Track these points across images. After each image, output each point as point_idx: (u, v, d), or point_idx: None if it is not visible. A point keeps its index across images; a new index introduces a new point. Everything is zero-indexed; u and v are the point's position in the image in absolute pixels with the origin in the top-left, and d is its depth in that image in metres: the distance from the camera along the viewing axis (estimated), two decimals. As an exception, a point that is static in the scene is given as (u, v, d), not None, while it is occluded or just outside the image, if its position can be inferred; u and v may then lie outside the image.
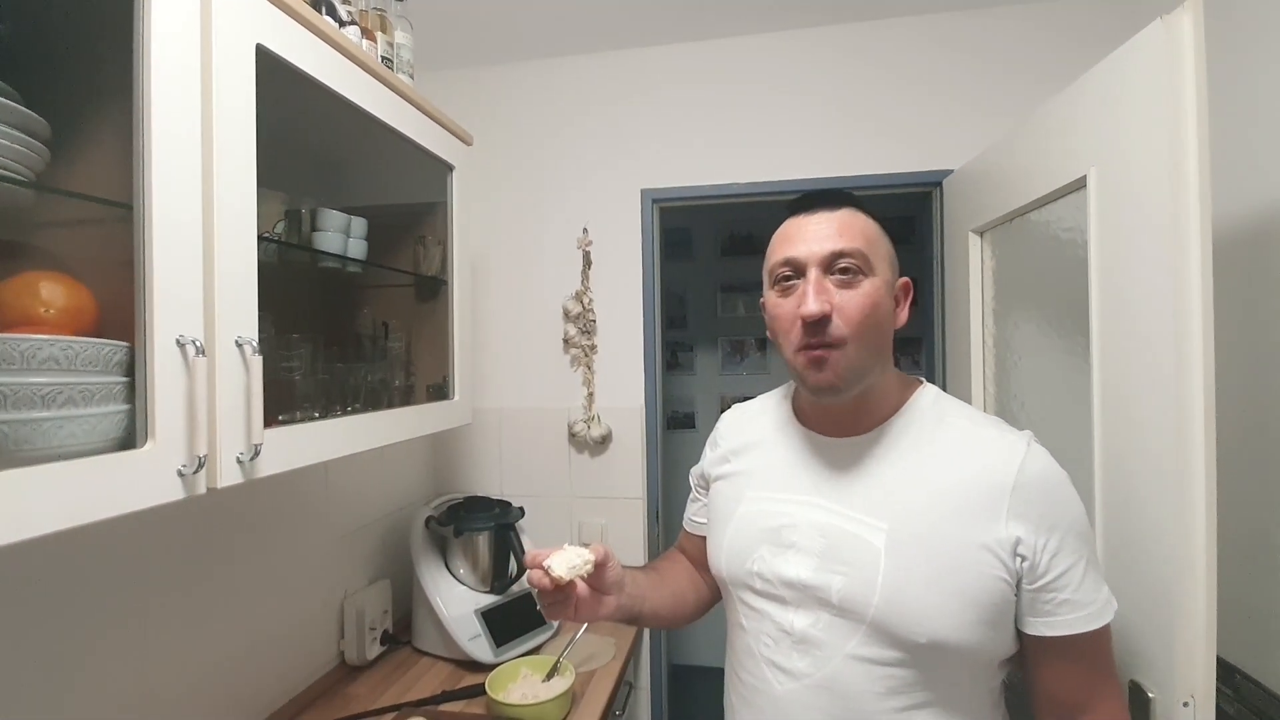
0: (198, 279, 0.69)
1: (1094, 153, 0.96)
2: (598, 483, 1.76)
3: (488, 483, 1.80)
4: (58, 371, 0.58)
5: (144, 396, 0.63)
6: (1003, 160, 1.26)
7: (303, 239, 1.06)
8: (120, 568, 0.92)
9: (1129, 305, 0.88)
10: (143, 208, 0.64)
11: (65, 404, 0.58)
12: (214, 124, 0.71)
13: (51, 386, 0.57)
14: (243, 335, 0.74)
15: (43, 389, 0.57)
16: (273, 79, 0.80)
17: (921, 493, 0.73)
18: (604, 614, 0.82)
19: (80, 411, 0.59)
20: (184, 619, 1.02)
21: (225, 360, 0.71)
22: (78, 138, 0.69)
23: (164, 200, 0.65)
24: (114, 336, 0.64)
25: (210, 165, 0.70)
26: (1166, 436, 0.80)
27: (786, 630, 0.75)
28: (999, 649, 0.71)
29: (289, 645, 1.25)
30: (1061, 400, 1.12)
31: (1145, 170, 0.84)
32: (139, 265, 0.64)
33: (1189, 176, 0.78)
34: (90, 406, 0.60)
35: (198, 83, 0.69)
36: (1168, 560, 0.80)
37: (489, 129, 1.75)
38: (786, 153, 1.67)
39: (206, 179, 0.70)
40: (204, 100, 0.70)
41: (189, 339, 0.66)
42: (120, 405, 0.63)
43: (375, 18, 1.13)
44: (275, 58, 0.81)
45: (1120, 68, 0.90)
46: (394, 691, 1.31)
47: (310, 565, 1.32)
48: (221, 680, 1.09)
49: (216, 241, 0.71)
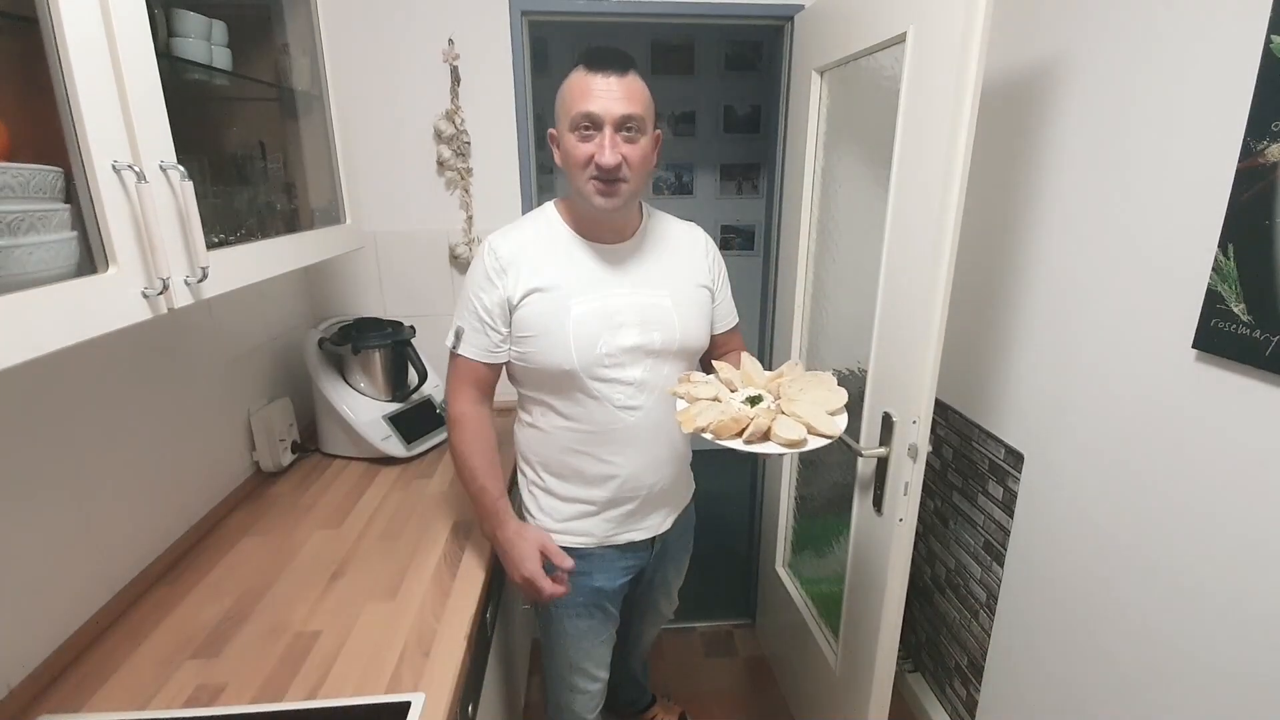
0: (115, 102, 0.68)
1: (914, 11, 1.16)
2: (479, 301, 1.88)
3: (371, 305, 1.85)
4: (14, 199, 0.59)
5: (95, 222, 0.66)
6: (844, 6, 1.43)
7: (159, 46, 0.97)
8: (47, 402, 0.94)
9: (921, 148, 1.16)
10: (50, 21, 0.61)
11: (29, 231, 0.60)
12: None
13: (15, 214, 0.59)
14: (165, 160, 0.74)
15: (7, 216, 0.58)
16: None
17: (673, 265, 1.17)
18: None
19: (42, 238, 0.62)
20: (105, 445, 1.06)
21: (158, 186, 0.73)
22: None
23: (71, 14, 0.62)
24: (23, 161, 0.64)
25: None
26: (927, 247, 1.12)
27: (629, 382, 1.12)
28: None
29: (206, 460, 1.34)
30: (864, 220, 1.44)
31: (946, 30, 1.06)
32: (60, 87, 0.62)
33: (974, 35, 0.99)
34: (48, 233, 0.62)
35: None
36: (915, 336, 1.17)
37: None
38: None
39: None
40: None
41: (124, 164, 0.68)
42: (70, 232, 0.66)
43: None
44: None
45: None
46: (316, 488, 1.48)
47: (212, 389, 1.36)
48: (149, 496, 1.17)
49: (122, 61, 0.68)
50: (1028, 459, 1.38)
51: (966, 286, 1.18)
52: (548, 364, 1.09)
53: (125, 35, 0.69)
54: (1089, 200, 1.20)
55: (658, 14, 1.72)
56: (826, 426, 0.97)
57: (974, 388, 1.56)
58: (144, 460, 1.16)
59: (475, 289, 1.10)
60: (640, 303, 1.11)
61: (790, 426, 0.96)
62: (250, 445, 1.48)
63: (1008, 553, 1.45)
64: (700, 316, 1.18)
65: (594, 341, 1.08)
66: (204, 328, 1.35)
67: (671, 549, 1.37)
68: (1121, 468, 1.15)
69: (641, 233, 1.17)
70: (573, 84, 1.01)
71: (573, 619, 1.28)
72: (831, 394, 1.04)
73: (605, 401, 1.12)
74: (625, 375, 1.11)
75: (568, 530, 1.21)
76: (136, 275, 0.70)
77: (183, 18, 0.97)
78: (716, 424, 0.96)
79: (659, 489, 1.22)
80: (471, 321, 1.10)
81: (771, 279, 1.96)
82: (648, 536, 1.26)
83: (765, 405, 1.02)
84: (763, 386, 1.07)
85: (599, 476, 1.17)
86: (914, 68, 1.16)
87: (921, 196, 1.15)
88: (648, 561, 1.32)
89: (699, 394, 1.04)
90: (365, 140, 1.70)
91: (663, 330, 1.12)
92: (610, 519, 1.21)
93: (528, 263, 1.08)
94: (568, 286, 1.08)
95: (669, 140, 3.24)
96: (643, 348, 1.11)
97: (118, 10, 0.68)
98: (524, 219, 1.17)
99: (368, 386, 1.61)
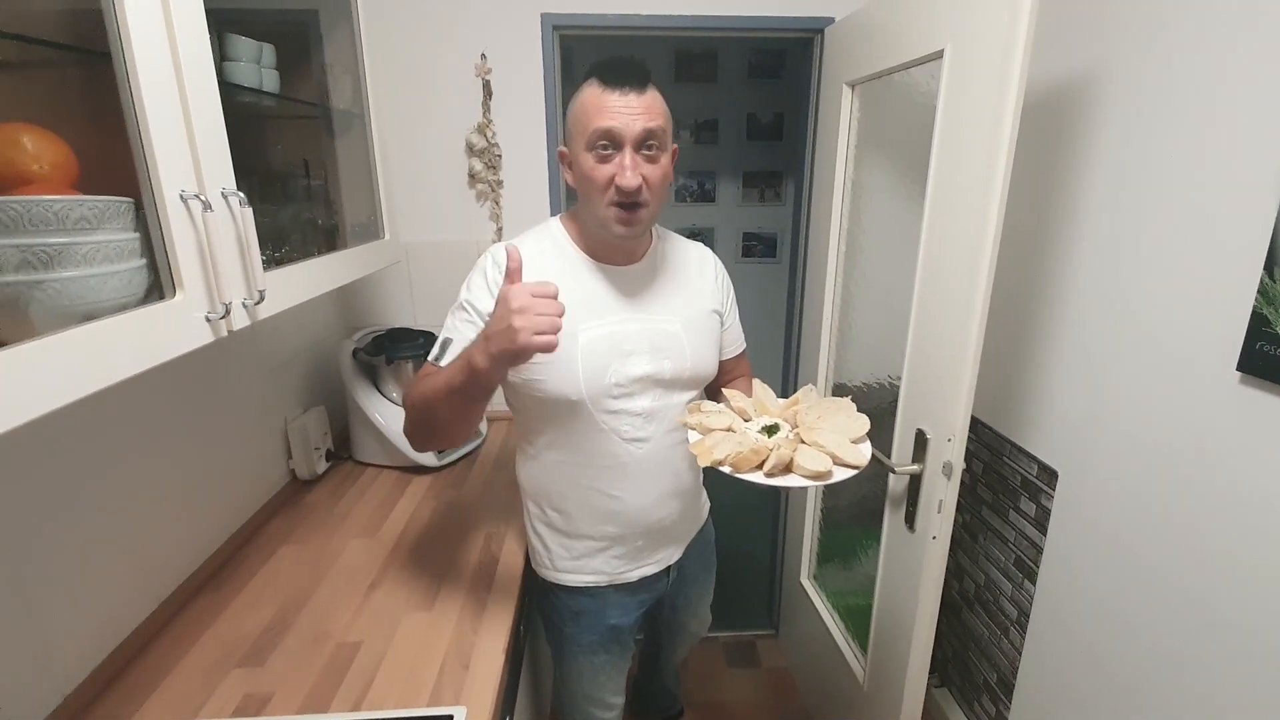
0: (182, 132, 0.70)
1: (951, 29, 1.15)
2: (507, 311, 1.90)
3: (402, 315, 1.87)
4: (90, 230, 0.61)
5: (164, 250, 0.68)
6: (877, 21, 1.42)
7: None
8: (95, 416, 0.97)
9: (958, 163, 1.15)
10: (123, 56, 0.63)
11: (103, 260, 0.63)
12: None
13: (91, 245, 0.61)
14: (226, 187, 0.77)
15: (83, 247, 0.61)
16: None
17: (683, 290, 1.11)
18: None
19: (115, 267, 0.64)
20: (150, 455, 1.09)
21: (221, 213, 0.75)
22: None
23: (142, 48, 0.64)
24: (93, 191, 0.66)
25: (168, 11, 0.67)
26: (964, 264, 1.12)
27: (637, 413, 1.05)
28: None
29: (245, 467, 1.37)
30: (894, 232, 1.43)
31: (986, 50, 1.06)
32: (131, 119, 0.64)
33: (1015, 58, 0.99)
34: (120, 262, 0.65)
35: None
36: (950, 354, 1.17)
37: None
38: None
39: (169, 26, 0.68)
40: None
41: (191, 193, 0.70)
42: (140, 260, 0.68)
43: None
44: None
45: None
46: (350, 496, 1.51)
47: (251, 398, 1.39)
48: (192, 504, 1.20)
49: (189, 92, 0.70)
50: (1062, 476, 1.37)
51: (998, 298, 1.18)
52: (553, 393, 1.02)
53: (191, 67, 0.71)
54: (1126, 215, 1.19)
55: (687, 27, 1.73)
56: (852, 456, 0.92)
57: (1005, 402, 1.55)
58: (187, 469, 1.18)
59: (472, 298, 1.01)
60: (650, 329, 1.05)
61: (814, 457, 0.91)
62: (287, 453, 1.51)
63: (1040, 570, 1.44)
64: (710, 344, 1.13)
65: (603, 370, 1.01)
66: (245, 340, 1.38)
67: (691, 571, 1.32)
68: (1160, 490, 1.13)
69: (652, 254, 1.10)
70: (587, 100, 0.94)
71: (587, 655, 1.23)
72: (852, 421, 0.99)
73: (612, 433, 1.05)
74: (633, 406, 1.05)
75: (578, 569, 1.16)
76: (201, 300, 0.72)
77: (235, 42, 0.99)
78: (735, 456, 0.91)
79: (667, 523, 1.16)
80: (465, 332, 0.98)
81: (798, 288, 1.96)
82: (660, 569, 1.22)
83: (783, 435, 0.97)
84: (779, 415, 1.03)
85: (606, 512, 1.11)
86: (951, 85, 1.16)
87: (959, 212, 1.15)
88: (665, 590, 1.27)
89: (712, 424, 0.99)
90: (399, 155, 1.72)
91: (673, 358, 1.06)
92: (619, 555, 1.16)
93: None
94: (575, 311, 0.96)
95: (691, 148, 3.25)
96: (652, 377, 1.04)
97: (184, 43, 0.70)
98: (528, 234, 1.09)
99: (400, 396, 1.63)
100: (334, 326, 1.80)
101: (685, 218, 3.34)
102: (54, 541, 0.90)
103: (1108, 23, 1.23)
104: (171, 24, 0.68)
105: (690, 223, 3.34)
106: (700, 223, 3.34)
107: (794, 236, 1.99)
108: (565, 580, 1.18)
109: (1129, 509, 1.20)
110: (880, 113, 1.54)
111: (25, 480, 0.85)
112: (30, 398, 0.52)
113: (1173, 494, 1.11)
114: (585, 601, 1.19)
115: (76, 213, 0.60)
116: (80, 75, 0.70)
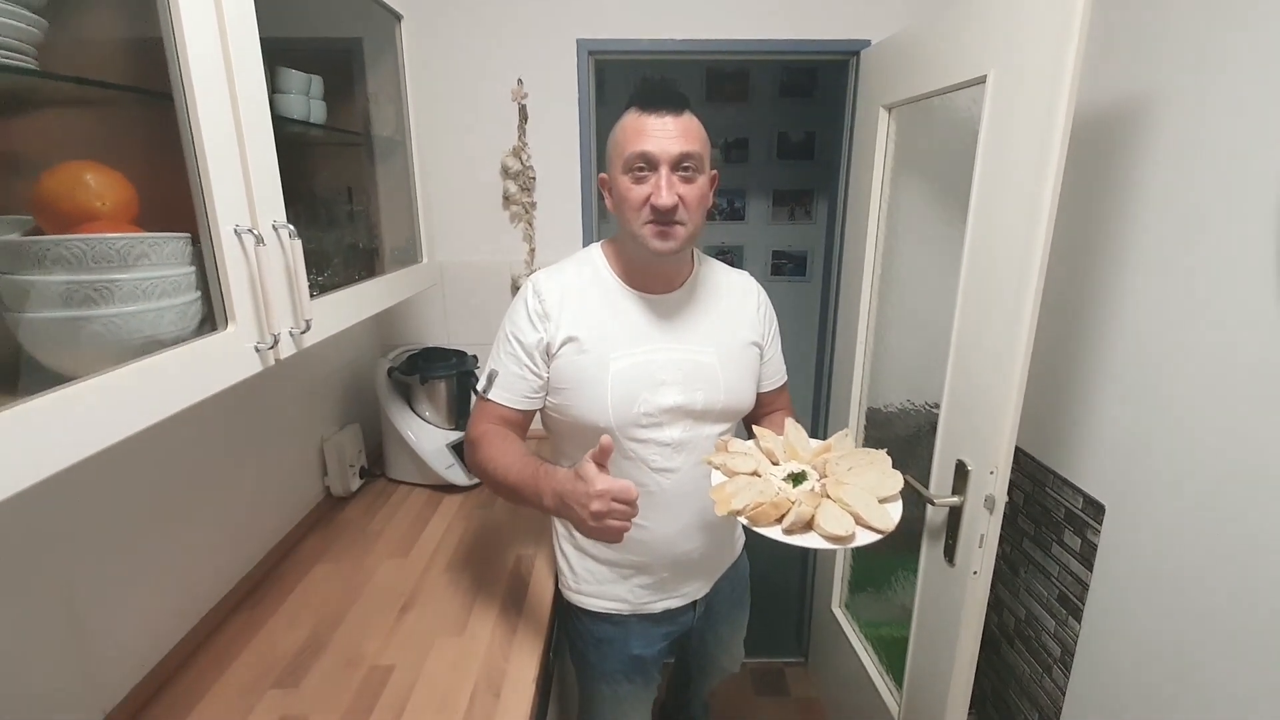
0: (238, 168, 0.72)
1: (995, 55, 1.14)
2: (538, 331, 1.91)
3: (436, 334, 1.90)
4: (149, 266, 0.63)
5: (217, 284, 0.70)
6: (915, 46, 1.41)
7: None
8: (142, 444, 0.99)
9: (1003, 188, 1.13)
10: (185, 97, 0.65)
11: (161, 295, 0.64)
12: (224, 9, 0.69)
13: (151, 280, 0.63)
14: (277, 220, 0.78)
15: (144, 282, 0.62)
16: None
17: (722, 319, 1.10)
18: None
19: (173, 301, 0.65)
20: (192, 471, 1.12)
21: (272, 245, 0.77)
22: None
23: (203, 89, 0.66)
24: (151, 226, 0.68)
25: (227, 51, 0.70)
26: (1009, 292, 1.09)
27: (666, 443, 1.05)
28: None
29: (283, 484, 1.39)
30: (932, 254, 1.41)
31: (1033, 76, 1.04)
32: (191, 157, 0.66)
33: (1064, 76, 0.96)
34: (177, 296, 0.66)
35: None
36: (993, 383, 1.14)
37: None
38: (714, 12, 1.69)
39: (227, 66, 0.70)
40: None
41: (244, 228, 0.71)
42: (195, 293, 0.70)
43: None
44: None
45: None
46: (383, 514, 1.52)
47: (289, 416, 1.42)
48: (231, 520, 1.22)
49: (244, 129, 0.72)
50: (1109, 511, 1.32)
51: (1042, 325, 1.15)
52: (582, 419, 1.03)
53: (248, 106, 0.73)
54: (1174, 241, 1.15)
55: (722, 52, 1.73)
56: (878, 520, 0.88)
57: (1048, 432, 1.50)
58: (227, 487, 1.21)
59: (516, 330, 1.04)
60: (684, 359, 1.04)
61: (836, 518, 0.87)
62: (322, 470, 1.53)
63: (1085, 608, 1.39)
64: (747, 376, 1.11)
65: (632, 400, 1.01)
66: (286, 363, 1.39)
67: (721, 607, 1.29)
68: (1214, 527, 1.08)
69: (692, 282, 1.09)
70: (626, 126, 0.97)
71: (611, 684, 1.21)
72: (885, 478, 0.94)
73: (640, 462, 1.05)
74: (662, 436, 1.04)
75: (601, 594, 1.16)
76: (251, 331, 0.74)
77: (285, 75, 1.02)
78: (754, 509, 0.87)
79: (695, 556, 1.14)
80: (509, 365, 1.04)
81: (831, 307, 1.94)
82: (686, 602, 1.20)
83: (809, 486, 0.94)
84: (808, 461, 1.00)
85: (631, 540, 1.03)
86: (995, 110, 1.14)
87: (1002, 238, 1.12)
88: (692, 624, 1.25)
89: (737, 466, 0.97)
90: (436, 178, 1.76)
91: (706, 390, 1.05)
92: (644, 585, 1.15)
93: (570, 310, 1.02)
94: (609, 339, 1.02)
95: (721, 166, 3.25)
96: (683, 408, 1.04)
97: (242, 83, 0.72)
98: (568, 261, 1.11)
99: (433, 415, 1.65)
100: (369, 346, 1.83)
101: (715, 236, 3.34)
102: (102, 561, 0.92)
103: (1153, 44, 1.20)
104: (230, 64, 0.70)
105: (719, 241, 3.33)
106: (730, 240, 3.33)
107: (827, 256, 1.97)
108: (589, 605, 1.17)
109: (1181, 547, 1.15)
110: (918, 135, 1.52)
111: (80, 503, 0.87)
112: (92, 435, 0.54)
113: (1228, 534, 1.06)
114: (608, 629, 1.18)
115: (137, 249, 0.62)
116: (141, 113, 0.72)
